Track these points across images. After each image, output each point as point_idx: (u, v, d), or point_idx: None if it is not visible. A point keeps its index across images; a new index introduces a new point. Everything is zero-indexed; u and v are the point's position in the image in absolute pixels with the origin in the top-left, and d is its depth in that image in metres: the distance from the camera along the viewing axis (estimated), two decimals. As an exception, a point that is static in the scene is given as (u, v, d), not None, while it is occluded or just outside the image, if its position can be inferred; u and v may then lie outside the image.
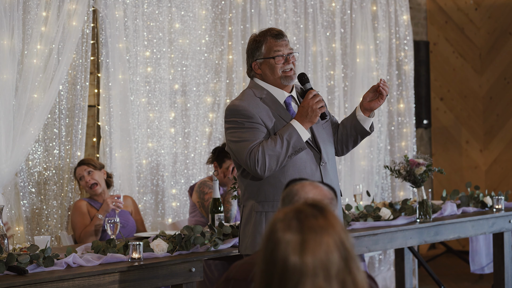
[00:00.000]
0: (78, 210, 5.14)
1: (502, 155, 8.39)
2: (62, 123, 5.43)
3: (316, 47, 6.89)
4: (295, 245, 1.76)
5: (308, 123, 3.64)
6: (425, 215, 5.09)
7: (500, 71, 8.38)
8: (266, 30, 3.80)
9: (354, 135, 3.85)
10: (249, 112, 3.65)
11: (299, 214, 1.81)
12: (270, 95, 3.74)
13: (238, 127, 3.65)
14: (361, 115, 3.80)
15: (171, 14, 6.04)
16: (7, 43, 4.95)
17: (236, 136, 3.65)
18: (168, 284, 4.01)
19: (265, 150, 3.57)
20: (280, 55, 3.72)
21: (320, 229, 1.78)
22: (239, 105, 3.68)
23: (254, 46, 3.75)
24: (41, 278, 3.58)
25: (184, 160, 6.11)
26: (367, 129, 3.83)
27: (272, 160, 3.58)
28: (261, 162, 3.57)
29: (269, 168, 3.59)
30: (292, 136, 3.60)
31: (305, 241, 1.77)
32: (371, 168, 7.22)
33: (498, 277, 5.63)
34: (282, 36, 3.75)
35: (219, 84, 6.29)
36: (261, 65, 3.75)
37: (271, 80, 3.74)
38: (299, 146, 3.61)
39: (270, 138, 3.62)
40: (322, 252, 1.76)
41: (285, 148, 3.58)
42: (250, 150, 3.59)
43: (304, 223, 1.79)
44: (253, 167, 3.58)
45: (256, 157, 3.57)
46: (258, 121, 3.65)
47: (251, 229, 3.67)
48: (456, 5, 8.64)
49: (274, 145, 3.58)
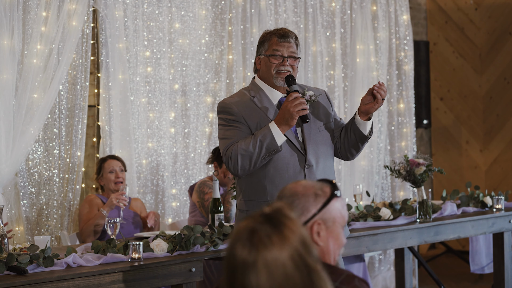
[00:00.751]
0: (87, 202, 5.18)
1: (502, 155, 8.39)
2: (62, 123, 5.42)
3: (316, 47, 6.89)
4: (251, 268, 1.73)
5: (285, 126, 3.61)
6: (425, 215, 5.09)
7: (500, 71, 8.38)
8: (277, 29, 3.84)
9: (353, 140, 3.80)
10: (232, 111, 3.70)
11: (252, 235, 1.76)
12: (265, 95, 3.75)
13: (223, 124, 3.73)
14: (358, 118, 3.76)
15: (171, 14, 6.04)
16: (7, 43, 4.95)
17: (221, 134, 3.74)
18: (168, 284, 4.00)
19: (238, 150, 3.61)
20: (278, 54, 3.73)
21: (275, 249, 1.72)
22: (226, 102, 3.75)
23: (261, 41, 3.81)
24: (41, 278, 3.58)
25: (184, 160, 6.11)
26: (365, 133, 3.77)
27: (245, 159, 3.60)
28: (234, 161, 3.61)
29: (241, 167, 3.61)
30: (266, 137, 3.60)
31: (259, 264, 1.72)
32: (371, 168, 7.21)
33: (498, 277, 5.63)
34: (287, 37, 3.75)
35: (219, 84, 6.29)
36: (261, 61, 3.80)
37: (266, 79, 3.78)
38: (273, 148, 3.60)
39: (246, 137, 3.65)
40: (279, 274, 1.71)
41: (258, 148, 3.59)
42: (227, 149, 3.65)
43: (257, 246, 1.74)
44: (228, 165, 3.66)
45: (230, 155, 3.62)
46: (240, 121, 3.68)
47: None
48: (456, 5, 8.64)
49: (247, 145, 3.60)
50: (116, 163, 5.28)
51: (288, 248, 1.74)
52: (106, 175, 5.26)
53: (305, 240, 1.76)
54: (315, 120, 3.79)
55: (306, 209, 2.26)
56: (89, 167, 5.80)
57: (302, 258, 1.74)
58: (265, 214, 1.81)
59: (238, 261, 1.75)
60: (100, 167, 5.30)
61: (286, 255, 1.73)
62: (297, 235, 1.76)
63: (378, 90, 3.69)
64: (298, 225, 1.79)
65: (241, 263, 1.75)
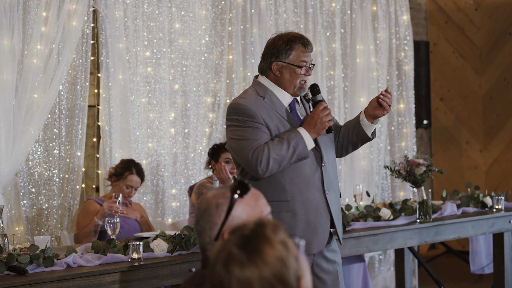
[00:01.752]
0: (84, 209, 5.17)
1: (502, 155, 8.39)
2: (62, 123, 5.42)
3: (316, 47, 6.89)
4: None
5: (315, 134, 3.65)
6: (425, 215, 5.09)
7: (500, 71, 8.38)
8: (298, 36, 3.75)
9: (355, 139, 3.84)
10: (251, 112, 3.64)
11: (227, 260, 1.72)
12: (274, 95, 3.73)
13: (240, 125, 3.64)
14: (365, 120, 3.79)
15: (171, 14, 6.04)
16: (7, 43, 4.95)
17: (237, 135, 3.65)
18: (168, 284, 4.00)
19: (271, 153, 3.57)
20: (305, 66, 3.71)
21: (247, 280, 1.69)
22: (242, 103, 3.66)
23: (282, 47, 3.71)
24: (41, 278, 3.58)
25: (184, 160, 6.11)
26: (369, 135, 3.81)
27: (276, 163, 3.58)
28: (264, 163, 3.57)
29: (270, 171, 3.59)
30: (299, 144, 3.60)
31: (233, 284, 1.69)
32: (371, 168, 7.21)
33: (498, 277, 5.63)
34: (311, 47, 3.75)
35: (219, 84, 6.29)
36: (282, 68, 3.72)
37: (285, 85, 3.73)
38: (303, 155, 3.62)
39: (277, 140, 3.61)
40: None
41: (290, 154, 3.59)
42: (253, 150, 3.59)
43: (230, 272, 1.70)
44: (255, 167, 3.58)
45: (260, 157, 3.57)
46: (260, 121, 3.64)
47: None
48: (456, 5, 8.65)
49: (280, 149, 3.58)
50: (137, 181, 5.25)
51: (260, 279, 1.69)
52: (122, 185, 5.22)
53: (280, 273, 1.70)
54: None
55: (213, 223, 2.18)
56: (89, 167, 5.80)
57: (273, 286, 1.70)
58: (241, 238, 1.74)
59: (216, 283, 1.73)
60: (122, 174, 5.24)
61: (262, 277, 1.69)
62: (272, 258, 1.71)
63: (384, 99, 3.74)
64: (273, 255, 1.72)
65: (219, 285, 1.72)
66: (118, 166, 5.29)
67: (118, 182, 5.22)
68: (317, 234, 3.69)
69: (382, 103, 3.74)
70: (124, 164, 5.29)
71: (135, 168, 5.27)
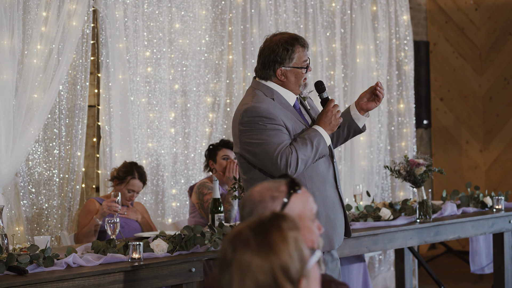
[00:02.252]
0: (85, 208, 5.16)
1: (502, 155, 8.39)
2: (62, 123, 5.42)
3: (316, 47, 6.89)
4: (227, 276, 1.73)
5: (330, 131, 3.71)
6: (425, 215, 5.09)
7: (500, 71, 8.38)
8: (293, 37, 3.75)
9: (345, 134, 3.93)
10: (271, 114, 3.64)
11: (236, 238, 1.75)
12: (282, 97, 3.74)
13: (260, 129, 3.62)
14: (357, 113, 3.86)
15: (171, 14, 6.04)
16: (7, 43, 4.95)
17: (259, 138, 3.62)
18: (168, 284, 4.00)
19: (299, 154, 3.60)
20: (306, 65, 3.75)
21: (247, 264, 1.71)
22: (259, 106, 3.64)
23: (284, 53, 3.70)
24: (41, 278, 3.58)
25: (184, 160, 6.11)
26: (360, 127, 3.89)
27: (303, 163, 3.63)
28: (293, 165, 3.59)
29: (298, 171, 3.63)
30: (320, 142, 3.66)
31: (232, 274, 1.72)
32: (371, 168, 7.21)
33: (498, 277, 5.63)
34: (307, 44, 3.79)
35: (219, 84, 6.29)
36: (287, 73, 3.72)
37: (290, 86, 3.76)
38: (324, 152, 3.69)
39: (300, 141, 3.63)
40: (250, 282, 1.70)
41: (314, 153, 3.65)
42: (280, 152, 3.58)
43: (235, 251, 1.73)
44: (284, 170, 3.58)
45: (289, 160, 3.58)
46: (280, 123, 3.65)
47: None
48: (456, 5, 8.65)
49: (306, 150, 3.62)
50: (139, 186, 5.24)
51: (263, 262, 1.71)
52: (124, 189, 5.21)
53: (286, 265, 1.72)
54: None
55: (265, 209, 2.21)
56: (89, 167, 5.80)
57: (276, 279, 1.71)
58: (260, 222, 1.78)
59: (220, 257, 1.76)
60: (124, 178, 5.22)
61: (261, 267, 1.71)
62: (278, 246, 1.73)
63: (380, 90, 3.83)
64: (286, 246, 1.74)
65: (222, 259, 1.75)
66: (120, 170, 5.26)
67: (120, 185, 5.21)
68: (336, 229, 3.75)
69: (379, 94, 3.82)
70: (126, 168, 5.26)
71: (138, 172, 5.25)
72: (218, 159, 5.41)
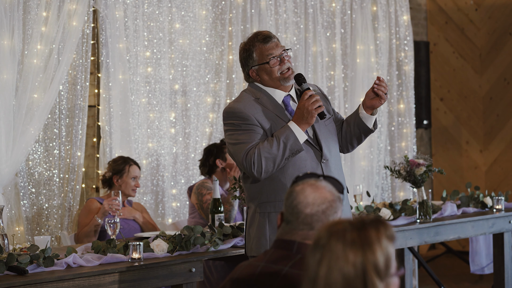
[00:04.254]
0: (86, 208, 5.16)
1: (502, 155, 8.39)
2: (62, 123, 5.43)
3: (316, 47, 6.89)
4: (318, 256, 1.80)
5: (305, 124, 3.61)
6: (425, 215, 5.09)
7: (500, 72, 8.38)
8: (253, 35, 3.75)
9: (357, 133, 3.81)
10: (244, 114, 3.64)
11: (332, 226, 1.83)
12: (268, 95, 3.72)
13: (235, 129, 3.64)
14: (363, 113, 3.77)
15: (171, 14, 6.04)
16: (7, 43, 4.95)
17: (234, 139, 3.64)
18: (168, 284, 4.00)
19: (261, 153, 3.56)
20: (274, 57, 3.69)
21: (338, 253, 1.78)
22: (235, 107, 3.67)
23: (246, 55, 3.72)
24: (41, 278, 3.58)
25: (184, 160, 6.11)
26: (370, 127, 3.79)
27: (269, 162, 3.56)
28: (257, 165, 3.56)
29: (265, 170, 3.58)
30: (289, 138, 3.57)
31: (322, 257, 1.79)
32: (371, 168, 7.21)
33: (498, 278, 5.63)
34: (270, 38, 3.71)
35: (219, 84, 6.30)
36: (258, 72, 3.72)
37: (270, 84, 3.73)
38: (296, 148, 3.59)
39: (267, 140, 3.60)
40: (336, 269, 1.76)
41: (282, 150, 3.57)
42: (246, 152, 3.58)
43: (330, 239, 1.80)
44: (250, 170, 3.58)
45: (252, 159, 3.56)
46: (254, 123, 3.63)
47: (255, 231, 3.67)
48: (456, 5, 8.65)
49: (270, 147, 3.56)
50: (138, 171, 5.29)
51: (356, 256, 1.77)
52: (127, 179, 5.22)
53: (377, 263, 1.78)
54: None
55: (336, 214, 2.38)
56: (89, 167, 5.80)
57: (365, 272, 1.77)
58: (362, 221, 1.85)
59: (314, 239, 1.83)
60: (123, 169, 5.26)
61: (351, 260, 1.77)
62: (374, 243, 1.79)
63: (379, 87, 3.70)
64: (380, 246, 1.80)
65: (315, 242, 1.82)
66: (114, 165, 5.27)
67: (122, 178, 5.23)
68: None
69: (378, 92, 3.70)
70: (119, 160, 5.30)
71: (131, 160, 5.31)
72: (228, 156, 5.36)
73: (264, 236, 3.63)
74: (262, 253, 2.51)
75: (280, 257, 2.40)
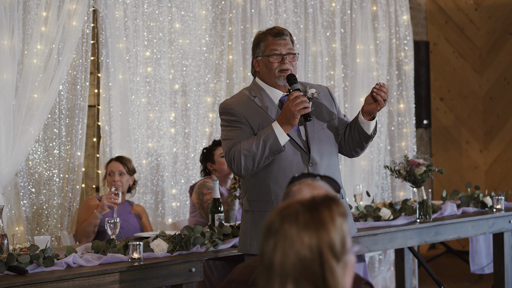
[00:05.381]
0: (85, 205, 5.19)
1: (502, 155, 8.39)
2: (62, 123, 5.42)
3: (316, 47, 6.89)
4: (272, 242, 1.76)
5: (288, 125, 3.58)
6: (425, 215, 5.09)
7: (500, 71, 8.38)
8: (270, 28, 3.82)
9: (357, 138, 3.76)
10: (234, 111, 3.68)
11: (284, 210, 1.78)
12: (266, 94, 3.74)
13: (226, 125, 3.72)
14: (362, 118, 3.73)
15: (171, 14, 6.04)
16: (7, 43, 4.95)
17: (224, 134, 3.73)
18: (168, 284, 4.01)
19: (241, 150, 3.58)
20: (276, 53, 3.70)
21: (292, 237, 1.73)
22: (227, 103, 3.74)
23: (255, 43, 3.79)
24: (41, 278, 3.58)
25: (184, 160, 6.11)
26: (368, 133, 3.74)
27: (248, 159, 3.58)
28: (236, 161, 3.59)
29: (245, 168, 3.59)
30: (269, 137, 3.57)
31: (277, 242, 1.75)
32: (371, 168, 7.21)
33: (498, 277, 5.63)
34: (282, 35, 3.73)
35: (219, 84, 6.29)
36: (260, 63, 3.77)
37: (268, 79, 3.75)
38: (276, 148, 3.58)
39: (249, 138, 3.63)
40: (292, 254, 1.73)
41: (261, 149, 3.57)
42: (229, 149, 3.63)
43: (283, 223, 1.76)
44: (231, 166, 3.64)
45: (233, 156, 3.60)
46: (242, 121, 3.66)
47: (242, 228, 3.76)
48: (456, 5, 8.65)
49: (250, 145, 3.58)
50: (116, 165, 5.27)
51: (310, 238, 1.74)
52: (107, 177, 5.29)
53: (333, 243, 1.75)
54: (318, 118, 3.76)
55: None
56: (89, 167, 5.80)
57: (321, 254, 1.73)
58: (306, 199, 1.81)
59: (266, 225, 1.79)
60: (106, 169, 5.34)
61: (306, 242, 1.73)
62: (327, 233, 1.75)
63: (378, 92, 3.63)
64: (334, 225, 1.77)
65: (268, 227, 1.78)
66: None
67: (106, 177, 5.32)
68: None
69: (377, 97, 3.63)
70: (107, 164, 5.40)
71: (113, 158, 5.37)
72: (216, 158, 5.42)
73: (246, 234, 3.67)
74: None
75: None
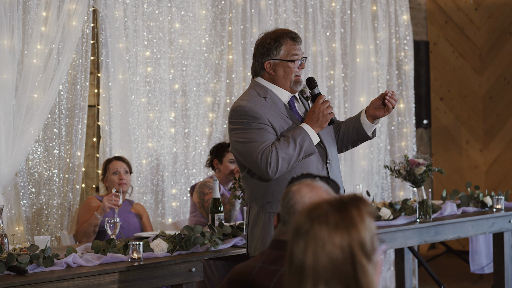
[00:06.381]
0: (85, 205, 5.18)
1: (502, 155, 8.39)
2: (62, 123, 5.42)
3: (316, 47, 6.89)
4: (302, 244, 1.74)
5: (318, 128, 3.66)
6: (425, 215, 5.09)
7: (500, 71, 8.38)
8: (283, 30, 3.75)
9: (354, 137, 3.83)
10: (256, 113, 3.63)
11: (313, 210, 1.77)
12: (274, 95, 3.72)
13: (245, 128, 3.62)
14: (365, 120, 3.78)
15: (171, 14, 6.04)
16: (7, 43, 4.95)
17: (243, 137, 3.62)
18: (168, 284, 4.01)
19: (279, 153, 3.56)
20: (298, 59, 3.71)
21: (323, 238, 1.72)
22: (245, 105, 3.65)
23: (272, 45, 3.70)
24: (41, 278, 3.58)
25: (184, 160, 6.11)
26: (369, 135, 3.80)
27: (284, 162, 3.58)
28: (273, 164, 3.56)
29: (280, 170, 3.59)
30: (305, 140, 3.60)
31: (307, 243, 1.73)
32: (371, 168, 7.21)
33: (498, 277, 5.63)
34: (299, 40, 3.74)
35: (219, 84, 6.29)
36: (275, 66, 3.71)
37: (281, 82, 3.72)
38: (310, 150, 3.63)
39: (283, 140, 3.61)
40: (323, 255, 1.71)
41: (298, 151, 3.59)
42: (261, 151, 3.57)
43: (313, 224, 1.74)
44: (265, 169, 3.57)
45: (269, 158, 3.56)
46: (265, 122, 3.63)
47: (260, 231, 3.66)
48: (456, 5, 8.65)
49: (287, 148, 3.58)
50: (120, 164, 5.27)
51: (342, 238, 1.72)
52: (110, 176, 5.25)
53: (364, 242, 1.75)
54: None
55: None
56: (89, 167, 5.80)
57: (353, 254, 1.72)
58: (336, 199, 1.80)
59: (294, 227, 1.76)
60: (105, 168, 5.30)
61: (338, 243, 1.72)
62: (358, 233, 1.75)
63: (390, 100, 3.72)
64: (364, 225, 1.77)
65: (296, 229, 1.75)
66: (102, 170, 5.37)
67: (106, 177, 5.28)
68: None
69: (388, 104, 3.72)
70: (103, 163, 5.38)
71: (113, 157, 5.36)
72: (224, 160, 5.40)
73: (270, 236, 3.62)
74: (259, 253, 2.52)
75: (276, 258, 2.40)
